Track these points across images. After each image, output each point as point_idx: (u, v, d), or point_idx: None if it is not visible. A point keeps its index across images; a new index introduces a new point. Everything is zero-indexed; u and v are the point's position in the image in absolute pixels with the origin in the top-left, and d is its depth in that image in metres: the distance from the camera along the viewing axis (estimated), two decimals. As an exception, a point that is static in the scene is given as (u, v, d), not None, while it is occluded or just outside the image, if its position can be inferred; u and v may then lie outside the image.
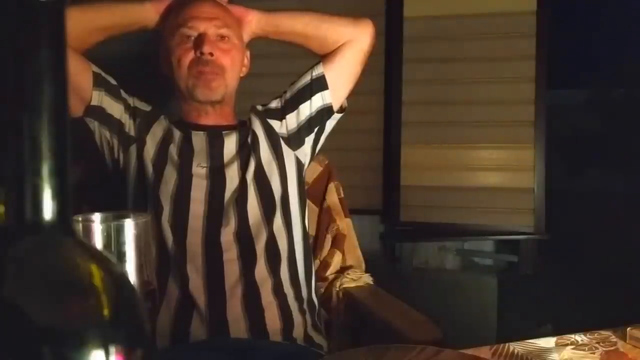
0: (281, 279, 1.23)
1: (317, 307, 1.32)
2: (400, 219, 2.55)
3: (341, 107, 1.38)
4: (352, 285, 1.43)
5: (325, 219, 1.52)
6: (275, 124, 1.35)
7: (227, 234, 1.21)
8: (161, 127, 1.31)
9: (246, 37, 1.35)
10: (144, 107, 1.35)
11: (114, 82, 1.31)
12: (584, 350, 0.86)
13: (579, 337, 0.90)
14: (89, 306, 0.32)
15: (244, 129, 1.33)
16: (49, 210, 0.32)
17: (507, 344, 0.88)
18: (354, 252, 1.53)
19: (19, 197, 0.32)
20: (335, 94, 1.34)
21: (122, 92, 1.32)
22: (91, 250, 0.36)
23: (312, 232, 1.47)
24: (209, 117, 1.31)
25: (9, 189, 0.32)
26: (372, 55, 1.37)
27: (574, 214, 3.42)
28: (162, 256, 1.19)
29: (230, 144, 1.29)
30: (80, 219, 0.54)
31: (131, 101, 1.33)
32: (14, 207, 0.32)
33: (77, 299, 0.32)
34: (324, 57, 1.35)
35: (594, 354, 0.85)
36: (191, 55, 1.25)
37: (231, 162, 1.28)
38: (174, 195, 1.23)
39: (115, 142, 1.30)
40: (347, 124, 1.44)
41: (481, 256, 2.80)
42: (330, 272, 1.47)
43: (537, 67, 2.44)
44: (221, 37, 1.27)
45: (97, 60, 1.29)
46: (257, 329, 1.18)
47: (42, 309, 0.30)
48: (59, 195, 0.33)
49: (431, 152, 2.54)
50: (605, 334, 0.92)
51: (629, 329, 0.89)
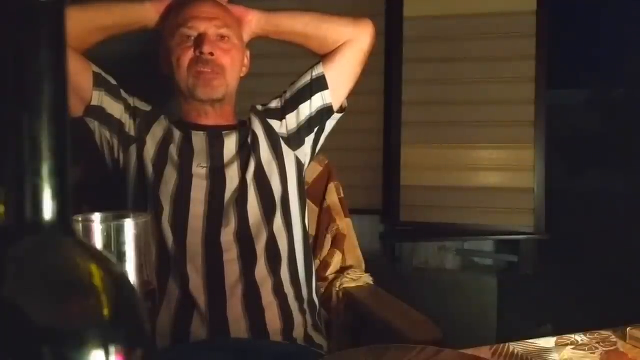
0: (281, 279, 1.23)
1: (318, 307, 1.32)
2: (400, 219, 2.54)
3: (341, 107, 1.38)
4: (352, 285, 1.43)
5: (325, 219, 1.52)
6: (275, 124, 1.35)
7: (227, 234, 1.21)
8: (161, 127, 1.31)
9: (246, 37, 1.35)
10: (144, 107, 1.35)
11: (114, 82, 1.31)
12: (584, 350, 0.86)
13: (579, 337, 0.90)
14: (89, 306, 0.32)
15: (244, 129, 1.33)
16: (49, 210, 0.32)
17: (507, 344, 0.88)
18: (354, 252, 1.53)
19: (19, 197, 0.32)
20: (335, 94, 1.34)
21: (122, 92, 1.32)
22: (91, 250, 0.36)
23: (312, 232, 1.47)
24: (209, 117, 1.31)
25: (9, 189, 0.32)
26: (372, 55, 1.37)
27: (574, 214, 3.41)
28: (162, 256, 1.19)
29: (230, 144, 1.29)
30: (80, 219, 0.54)
31: (131, 101, 1.33)
32: (14, 207, 0.32)
33: (77, 299, 0.32)
34: (324, 57, 1.35)
35: (594, 354, 0.85)
36: (191, 55, 1.25)
37: (231, 162, 1.27)
38: (174, 195, 1.23)
39: (115, 142, 1.30)
40: (347, 124, 1.44)
41: (481, 256, 2.80)
42: (330, 272, 1.47)
43: (537, 67, 2.44)
44: (221, 37, 1.27)
45: (97, 60, 1.29)
46: (257, 329, 1.18)
47: (42, 309, 0.30)
48: (59, 195, 0.33)
49: (431, 152, 2.54)
50: (605, 334, 0.91)
51: (629, 329, 0.89)
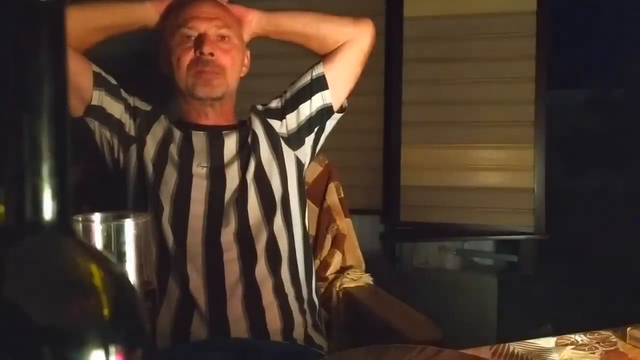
0: (282, 279, 1.23)
1: (318, 307, 1.32)
2: (400, 219, 2.54)
3: (341, 107, 1.38)
4: (352, 285, 1.43)
5: (325, 219, 1.52)
6: (275, 123, 1.35)
7: (228, 234, 1.21)
8: (161, 127, 1.31)
9: (246, 37, 1.35)
10: (144, 106, 1.35)
11: (114, 81, 1.31)
12: (584, 350, 0.86)
13: (579, 337, 0.90)
14: (89, 306, 0.32)
15: (244, 129, 1.33)
16: (49, 210, 0.32)
17: (507, 344, 0.88)
18: (354, 252, 1.53)
19: (19, 197, 0.32)
20: (335, 94, 1.34)
21: (123, 91, 1.32)
22: (91, 250, 0.36)
23: (312, 232, 1.47)
24: (209, 117, 1.31)
25: (9, 189, 0.32)
26: (372, 55, 1.37)
27: (574, 214, 3.42)
28: (162, 256, 1.19)
29: (230, 144, 1.29)
30: (80, 219, 0.54)
31: (131, 101, 1.33)
32: (14, 207, 0.32)
33: (77, 299, 0.32)
34: (324, 57, 1.35)
35: (594, 354, 0.85)
36: (191, 55, 1.25)
37: (231, 162, 1.27)
38: (174, 195, 1.23)
39: (115, 142, 1.30)
40: (347, 124, 1.44)
41: (481, 256, 2.80)
42: (330, 272, 1.47)
43: (537, 67, 2.44)
44: (221, 37, 1.27)
45: (97, 60, 1.29)
46: (257, 329, 1.18)
47: (42, 309, 0.30)
48: (59, 195, 0.33)
49: (431, 152, 2.54)
50: (605, 334, 0.91)
51: (629, 329, 0.89)
